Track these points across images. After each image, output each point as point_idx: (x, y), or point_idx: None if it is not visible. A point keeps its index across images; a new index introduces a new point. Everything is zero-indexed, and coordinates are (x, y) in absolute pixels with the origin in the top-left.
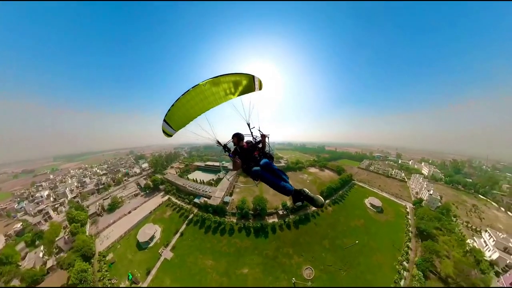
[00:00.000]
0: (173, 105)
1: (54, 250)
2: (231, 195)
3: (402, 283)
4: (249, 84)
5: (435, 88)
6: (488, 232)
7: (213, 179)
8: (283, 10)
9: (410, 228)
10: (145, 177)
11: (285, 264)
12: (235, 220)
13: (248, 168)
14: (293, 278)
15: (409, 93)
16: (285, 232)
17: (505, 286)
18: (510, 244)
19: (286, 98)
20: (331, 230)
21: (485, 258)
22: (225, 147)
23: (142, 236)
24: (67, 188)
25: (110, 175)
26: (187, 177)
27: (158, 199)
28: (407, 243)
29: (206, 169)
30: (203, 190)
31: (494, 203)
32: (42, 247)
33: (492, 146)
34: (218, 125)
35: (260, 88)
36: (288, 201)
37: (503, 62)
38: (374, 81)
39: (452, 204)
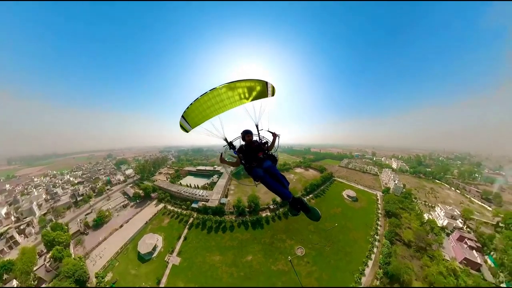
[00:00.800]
0: (191, 104)
1: (33, 282)
2: (226, 196)
3: (374, 250)
4: (263, 90)
5: (406, 97)
6: (439, 207)
7: (207, 183)
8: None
9: (379, 211)
10: (131, 185)
11: (280, 247)
12: (234, 218)
13: (250, 168)
14: (289, 257)
15: (386, 101)
16: (277, 222)
17: (453, 241)
18: (455, 213)
19: (276, 101)
20: None
21: (437, 225)
22: (230, 144)
23: (143, 248)
24: (34, 203)
25: (88, 184)
26: (180, 183)
27: (151, 209)
28: (377, 222)
29: (198, 174)
30: (200, 195)
31: (446, 185)
32: (14, 282)
33: (447, 140)
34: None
35: (273, 94)
36: (278, 197)
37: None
38: (359, 89)
39: (414, 189)
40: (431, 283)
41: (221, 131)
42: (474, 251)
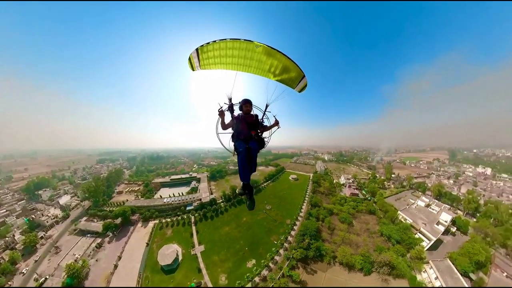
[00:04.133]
0: (214, 41)
1: None
2: (211, 194)
3: (306, 198)
4: (295, 78)
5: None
6: (343, 175)
7: (189, 190)
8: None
9: (309, 182)
10: (86, 217)
11: (258, 208)
12: (225, 204)
13: (236, 139)
14: (264, 211)
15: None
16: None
17: (346, 188)
18: (349, 176)
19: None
20: (273, 191)
21: (340, 183)
22: (231, 106)
23: (167, 259)
24: None
25: None
26: (160, 196)
27: (141, 231)
28: (307, 188)
29: (174, 184)
30: (192, 197)
31: (352, 165)
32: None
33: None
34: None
35: (300, 91)
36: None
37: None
38: (310, 102)
39: (334, 169)
40: (333, 203)
41: (230, 88)
42: (356, 190)
